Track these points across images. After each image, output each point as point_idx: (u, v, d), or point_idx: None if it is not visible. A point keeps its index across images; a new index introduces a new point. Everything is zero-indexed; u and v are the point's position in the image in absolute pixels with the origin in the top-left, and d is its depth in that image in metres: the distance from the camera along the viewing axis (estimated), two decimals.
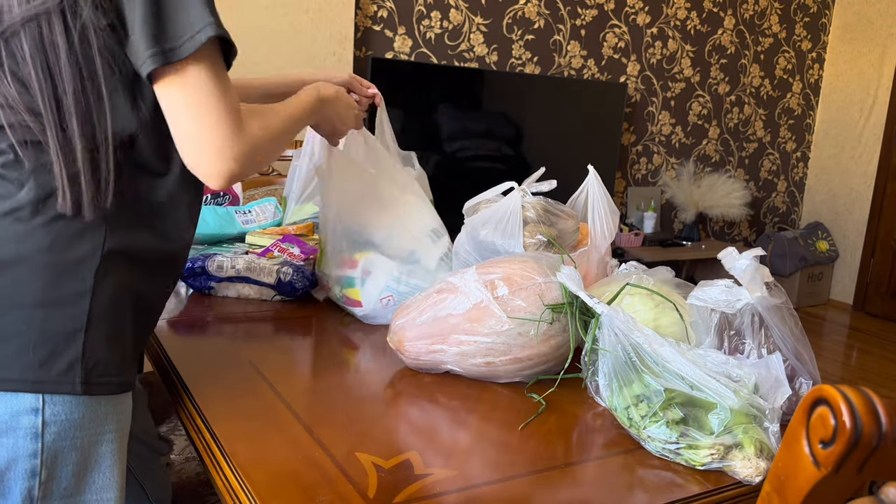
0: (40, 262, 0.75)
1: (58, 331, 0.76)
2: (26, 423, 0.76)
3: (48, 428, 0.77)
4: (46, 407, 0.76)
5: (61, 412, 0.77)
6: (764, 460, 0.78)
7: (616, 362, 0.86)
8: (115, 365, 0.81)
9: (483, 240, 1.19)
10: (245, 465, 0.76)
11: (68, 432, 0.78)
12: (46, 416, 0.76)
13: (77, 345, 0.77)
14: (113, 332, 0.81)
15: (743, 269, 0.92)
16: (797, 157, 4.64)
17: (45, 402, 0.76)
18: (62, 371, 0.76)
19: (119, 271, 0.81)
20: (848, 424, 0.44)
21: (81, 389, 0.77)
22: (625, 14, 3.70)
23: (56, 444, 0.78)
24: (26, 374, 0.75)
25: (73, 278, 0.77)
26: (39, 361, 0.75)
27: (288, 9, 2.69)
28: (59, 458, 0.79)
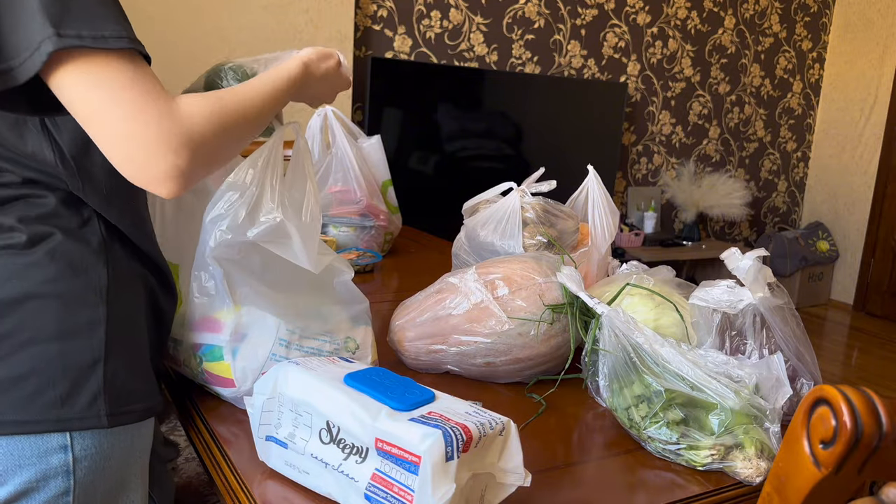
0: (49, 294, 0.72)
1: (76, 364, 0.73)
2: (56, 462, 0.73)
3: (79, 464, 0.74)
4: (75, 442, 0.73)
5: (90, 445, 0.75)
6: (764, 461, 0.78)
7: (616, 363, 0.86)
8: (139, 391, 0.79)
9: (482, 240, 1.19)
10: (245, 465, 0.76)
11: (99, 464, 0.76)
12: (76, 453, 0.74)
13: (98, 376, 0.74)
14: (132, 357, 0.79)
15: (745, 270, 0.92)
16: (797, 156, 4.63)
17: (74, 438, 0.73)
18: (85, 406, 0.73)
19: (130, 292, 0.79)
20: (848, 425, 0.44)
21: (108, 422, 0.74)
22: (625, 14, 3.69)
23: (87, 478, 0.75)
24: (49, 413, 0.72)
25: (85, 306, 0.74)
26: (61, 398, 0.72)
27: (288, 9, 2.69)
28: (90, 490, 0.76)
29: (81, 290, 0.74)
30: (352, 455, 0.66)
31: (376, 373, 0.72)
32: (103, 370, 0.74)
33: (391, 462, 0.63)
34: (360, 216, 1.62)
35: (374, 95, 2.94)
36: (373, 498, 0.64)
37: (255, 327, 0.87)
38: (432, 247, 1.92)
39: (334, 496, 0.68)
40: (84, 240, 0.76)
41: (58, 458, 0.73)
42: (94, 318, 0.74)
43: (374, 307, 1.23)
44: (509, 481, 0.67)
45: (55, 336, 0.72)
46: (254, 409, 0.74)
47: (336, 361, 0.77)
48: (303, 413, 0.70)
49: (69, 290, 0.74)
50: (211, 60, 2.64)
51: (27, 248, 0.73)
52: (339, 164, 1.62)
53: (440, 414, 0.65)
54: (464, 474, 0.63)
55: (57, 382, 0.72)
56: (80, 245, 0.75)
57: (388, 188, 1.73)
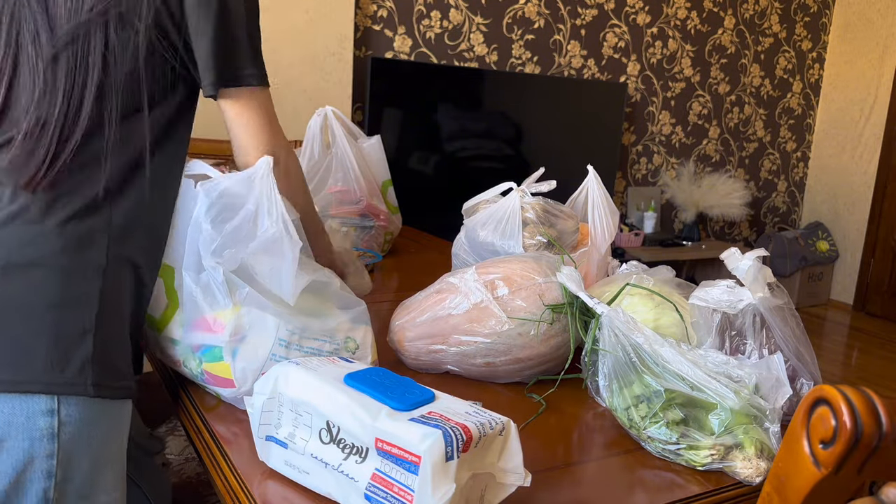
0: (54, 265, 0.78)
1: (70, 332, 0.78)
2: (43, 424, 0.77)
3: (64, 428, 0.78)
4: (62, 407, 0.77)
5: (75, 412, 0.78)
6: (764, 461, 0.78)
7: (616, 363, 0.86)
8: (120, 370, 0.83)
9: (482, 241, 1.19)
10: (245, 465, 0.76)
11: (83, 431, 0.79)
12: (62, 417, 0.77)
13: (87, 345, 0.78)
14: (117, 335, 0.83)
15: (745, 270, 0.92)
16: (797, 156, 4.63)
17: (61, 403, 0.77)
18: (75, 372, 0.77)
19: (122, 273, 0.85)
20: (848, 424, 0.44)
21: (93, 391, 0.79)
22: (625, 14, 3.69)
23: (71, 444, 0.78)
24: (40, 375, 0.76)
25: (84, 279, 0.80)
26: (53, 363, 0.76)
27: (288, 9, 2.69)
28: (73, 459, 0.79)
29: (83, 264, 0.80)
30: (352, 455, 0.66)
31: (376, 373, 0.72)
32: (93, 341, 0.79)
33: (391, 462, 0.63)
34: (360, 216, 1.62)
35: (374, 95, 2.94)
36: (373, 498, 0.64)
37: (255, 328, 0.87)
38: (432, 247, 1.92)
39: (334, 496, 0.68)
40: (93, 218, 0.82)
41: (44, 420, 0.77)
42: (89, 292, 0.80)
43: (374, 307, 1.23)
44: (509, 481, 0.67)
45: (54, 304, 0.78)
46: (254, 409, 0.74)
47: (336, 361, 0.77)
48: (303, 413, 0.70)
49: (71, 263, 0.80)
50: None
51: (41, 217, 0.80)
52: (338, 164, 1.62)
53: (440, 414, 0.65)
54: (464, 474, 0.63)
55: (50, 348, 0.77)
56: (87, 222, 0.81)
57: (388, 188, 1.73)
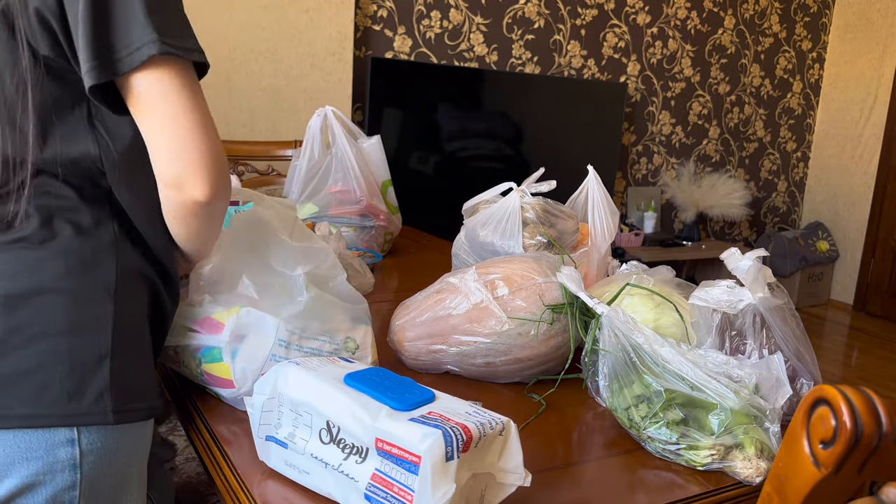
0: (59, 290, 0.74)
1: (84, 359, 0.74)
2: (63, 456, 0.74)
3: (86, 458, 0.75)
4: (82, 436, 0.75)
5: (97, 440, 0.76)
6: (764, 461, 0.78)
7: (616, 363, 0.86)
8: (142, 390, 0.80)
9: (482, 241, 1.19)
10: (245, 465, 0.76)
11: (104, 459, 0.77)
12: (83, 447, 0.75)
13: (104, 372, 0.75)
14: (136, 355, 0.80)
15: (745, 270, 0.92)
16: (797, 156, 4.63)
17: (81, 433, 0.74)
18: (92, 401, 0.74)
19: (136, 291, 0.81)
20: (848, 425, 0.44)
21: (113, 419, 0.75)
22: (625, 14, 3.69)
23: (93, 472, 0.76)
24: (57, 408, 0.73)
25: (93, 302, 0.76)
26: (69, 393, 0.73)
27: (288, 9, 2.69)
28: (95, 486, 0.77)
29: (91, 286, 0.76)
30: (352, 455, 0.66)
31: (376, 373, 0.72)
32: (109, 367, 0.75)
33: (391, 462, 0.63)
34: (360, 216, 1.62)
35: (374, 95, 2.94)
36: (373, 498, 0.64)
37: (255, 328, 0.86)
38: (432, 247, 1.92)
39: (334, 496, 0.68)
40: (96, 237, 0.78)
41: (65, 451, 0.74)
42: (101, 314, 0.76)
43: (374, 307, 1.23)
44: (509, 481, 0.67)
45: (64, 331, 0.73)
46: (254, 409, 0.74)
47: (336, 361, 0.77)
48: (303, 413, 0.70)
49: (79, 286, 0.75)
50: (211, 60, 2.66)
51: (40, 242, 0.75)
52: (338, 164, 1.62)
53: (440, 414, 0.65)
54: (464, 474, 0.63)
55: (65, 378, 0.73)
56: (91, 241, 0.77)
57: (388, 188, 1.73)
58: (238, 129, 2.68)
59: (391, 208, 1.72)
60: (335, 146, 1.62)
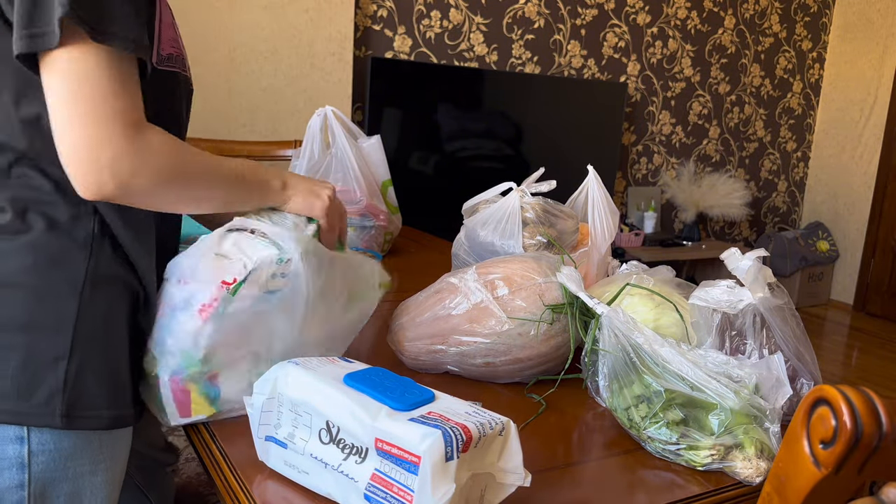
0: (22, 284, 0.72)
1: (39, 358, 0.71)
2: (11, 453, 0.72)
3: (35, 458, 0.73)
4: (32, 436, 0.72)
5: (48, 441, 0.73)
6: (764, 461, 0.78)
7: (616, 363, 0.86)
8: (106, 397, 0.76)
9: (482, 241, 1.19)
10: (245, 465, 0.76)
11: (58, 462, 0.74)
12: (33, 446, 0.73)
13: (58, 374, 0.72)
14: (103, 360, 0.76)
15: (746, 270, 0.92)
16: (797, 156, 4.63)
17: (31, 431, 0.72)
18: (41, 402, 0.71)
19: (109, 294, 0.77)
20: (848, 425, 0.44)
21: (62, 423, 0.72)
22: (625, 14, 3.69)
23: (45, 474, 0.74)
24: (5, 403, 0.71)
25: (57, 301, 0.73)
26: (18, 390, 0.71)
27: (288, 9, 2.69)
28: (48, 490, 0.75)
29: (56, 283, 0.73)
30: (351, 455, 0.66)
31: (376, 373, 0.72)
32: (65, 368, 0.72)
33: (391, 462, 0.63)
34: (360, 216, 1.62)
35: (374, 95, 2.94)
36: (372, 498, 0.64)
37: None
38: (432, 247, 1.92)
39: (334, 496, 0.68)
40: (69, 233, 0.75)
41: (13, 448, 0.72)
42: (64, 313, 0.73)
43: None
44: (509, 481, 0.67)
45: (21, 327, 0.72)
46: (253, 409, 0.74)
47: (336, 362, 0.77)
48: (302, 413, 0.70)
49: (43, 282, 0.73)
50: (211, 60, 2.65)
51: (10, 234, 0.73)
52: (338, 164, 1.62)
53: (440, 414, 0.65)
54: (463, 474, 0.63)
55: (16, 374, 0.71)
56: (63, 238, 0.75)
57: (388, 188, 1.73)
58: (238, 129, 2.68)
59: (391, 208, 1.71)
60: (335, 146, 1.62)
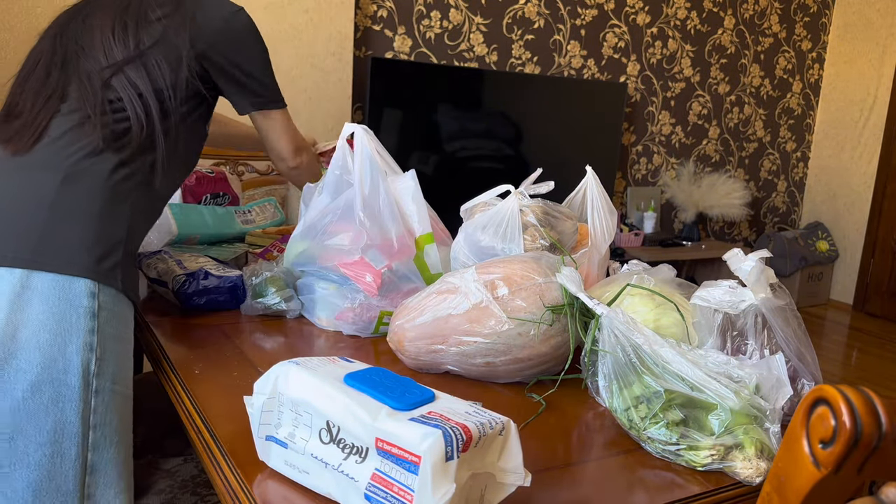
0: (101, 186, 1.01)
1: (109, 239, 1.00)
2: (86, 303, 0.95)
3: (102, 311, 0.97)
4: (101, 293, 0.97)
5: (109, 301, 0.98)
6: (764, 461, 0.78)
7: (616, 363, 0.86)
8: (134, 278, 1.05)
9: (483, 245, 1.18)
10: (245, 464, 0.76)
11: (112, 321, 0.98)
12: (101, 301, 0.97)
13: (118, 252, 1.01)
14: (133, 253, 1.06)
15: (748, 271, 0.92)
16: (797, 157, 4.64)
17: (100, 289, 0.97)
18: (110, 268, 0.99)
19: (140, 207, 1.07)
20: (848, 424, 0.44)
21: (121, 286, 1.00)
22: (625, 14, 3.69)
23: (105, 327, 0.97)
24: (88, 264, 0.96)
25: (120, 202, 1.03)
26: (96, 258, 0.98)
27: (287, 9, 2.69)
28: (107, 342, 0.97)
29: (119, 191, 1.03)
30: (352, 455, 0.66)
31: (376, 373, 0.72)
32: (122, 250, 1.02)
33: (391, 462, 0.63)
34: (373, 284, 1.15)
35: (374, 95, 2.94)
36: (373, 498, 0.64)
37: None
38: None
39: (334, 496, 0.68)
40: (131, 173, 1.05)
41: (87, 300, 0.96)
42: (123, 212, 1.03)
43: None
44: (509, 481, 0.67)
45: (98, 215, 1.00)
46: (254, 409, 0.74)
47: (336, 361, 0.78)
48: (303, 413, 0.70)
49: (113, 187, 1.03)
50: None
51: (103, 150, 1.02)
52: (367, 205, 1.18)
53: (440, 414, 0.65)
54: (464, 474, 0.63)
55: (94, 247, 0.98)
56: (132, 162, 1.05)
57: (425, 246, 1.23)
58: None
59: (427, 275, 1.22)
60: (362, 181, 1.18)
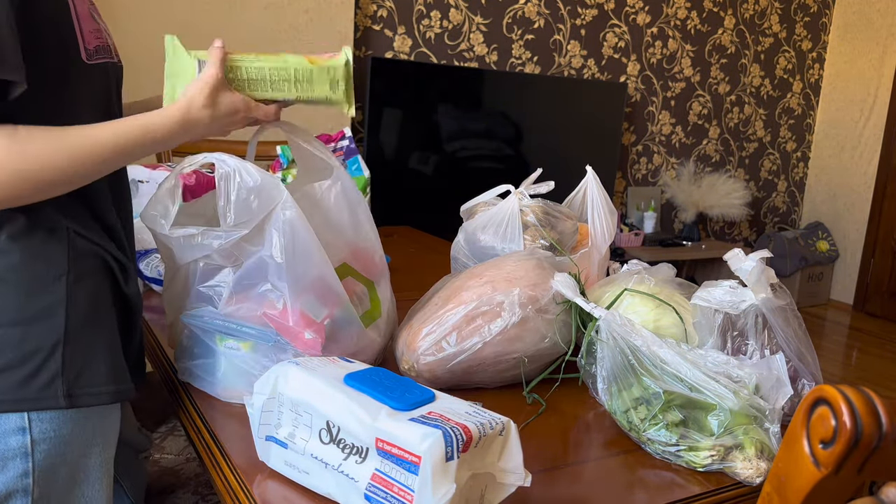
0: (12, 281, 0.75)
1: (37, 347, 0.75)
2: (15, 444, 0.75)
3: (38, 446, 0.76)
4: (33, 425, 0.76)
5: (49, 429, 0.77)
6: (764, 461, 0.78)
7: (615, 366, 0.86)
8: (105, 373, 0.80)
9: (483, 245, 1.18)
10: (245, 464, 0.76)
11: (58, 448, 0.78)
12: (34, 435, 0.76)
13: (56, 358, 0.76)
14: (96, 338, 0.80)
15: (748, 271, 0.92)
16: (797, 156, 4.63)
17: (32, 421, 0.76)
18: (43, 386, 0.75)
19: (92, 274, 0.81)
20: (848, 424, 0.44)
21: (66, 403, 0.76)
22: (625, 14, 3.69)
23: (46, 461, 0.77)
24: (6, 393, 0.74)
25: (46, 291, 0.76)
26: (19, 380, 0.74)
27: (288, 9, 2.69)
28: (50, 475, 0.78)
29: (42, 274, 0.76)
30: (352, 455, 0.66)
31: (376, 373, 0.72)
32: (62, 352, 0.76)
33: (391, 462, 0.63)
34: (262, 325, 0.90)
35: (374, 95, 2.94)
36: (373, 498, 0.64)
37: None
38: (432, 247, 1.92)
39: (334, 496, 0.68)
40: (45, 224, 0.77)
41: (15, 439, 0.75)
42: (53, 301, 0.76)
43: None
44: (509, 481, 0.67)
45: (16, 321, 0.74)
46: (254, 409, 0.74)
47: (336, 361, 0.77)
48: (303, 413, 0.70)
49: (30, 275, 0.75)
50: None
51: None
52: None
53: (440, 414, 0.65)
54: (464, 474, 0.63)
55: (16, 366, 0.74)
56: (41, 229, 0.76)
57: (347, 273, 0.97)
58: (237, 129, 2.68)
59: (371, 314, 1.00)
60: None
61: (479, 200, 1.29)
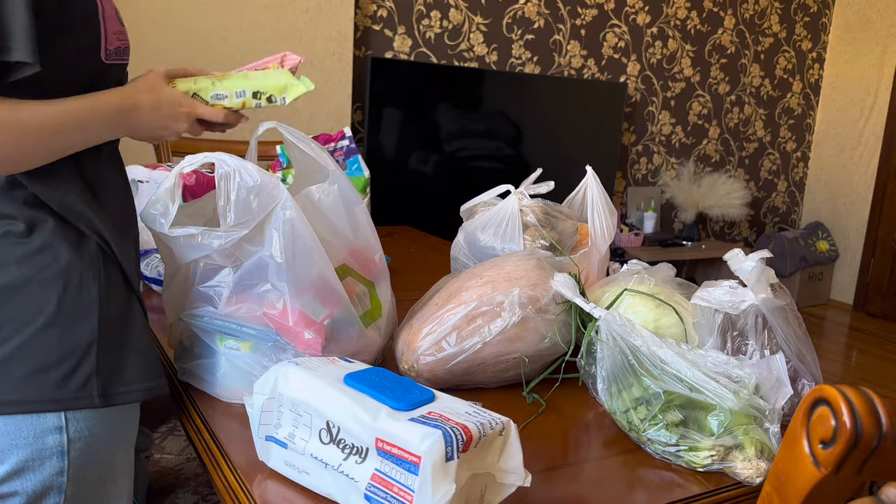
0: (48, 281, 0.76)
1: (74, 347, 0.77)
2: (52, 443, 0.77)
3: (73, 445, 0.78)
4: (70, 424, 0.77)
5: (84, 428, 0.78)
6: (764, 461, 0.78)
7: (614, 366, 0.86)
8: (137, 371, 0.82)
9: (483, 245, 1.18)
10: (245, 465, 0.76)
11: (91, 447, 0.79)
12: (71, 434, 0.77)
13: (91, 357, 0.77)
14: (128, 337, 0.82)
15: (748, 271, 0.92)
16: (797, 157, 4.63)
17: (68, 420, 0.77)
18: (79, 385, 0.77)
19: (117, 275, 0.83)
20: (848, 424, 0.44)
21: (100, 402, 0.78)
22: (625, 14, 3.69)
23: (80, 459, 0.79)
24: (45, 393, 0.75)
25: (81, 290, 0.78)
26: (56, 380, 0.76)
27: (288, 9, 2.69)
28: (82, 473, 0.80)
29: (81, 275, 0.78)
30: (352, 455, 0.66)
31: (376, 373, 0.72)
32: (96, 351, 0.78)
33: (391, 462, 0.63)
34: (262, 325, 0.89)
35: (374, 95, 2.94)
36: (373, 498, 0.64)
37: None
38: (432, 247, 1.92)
39: (334, 496, 0.68)
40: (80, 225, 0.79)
41: (53, 438, 0.76)
42: (90, 301, 0.78)
43: None
44: (509, 481, 0.67)
45: (52, 322, 0.76)
46: (253, 409, 0.74)
47: (336, 361, 0.77)
48: (302, 413, 0.70)
49: (71, 276, 0.77)
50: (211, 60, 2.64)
51: (26, 235, 0.76)
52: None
53: (440, 414, 0.65)
54: (464, 474, 0.63)
55: (54, 366, 0.75)
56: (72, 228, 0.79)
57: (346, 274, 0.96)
58: (237, 129, 2.68)
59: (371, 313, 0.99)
60: None
61: (478, 200, 1.29)
